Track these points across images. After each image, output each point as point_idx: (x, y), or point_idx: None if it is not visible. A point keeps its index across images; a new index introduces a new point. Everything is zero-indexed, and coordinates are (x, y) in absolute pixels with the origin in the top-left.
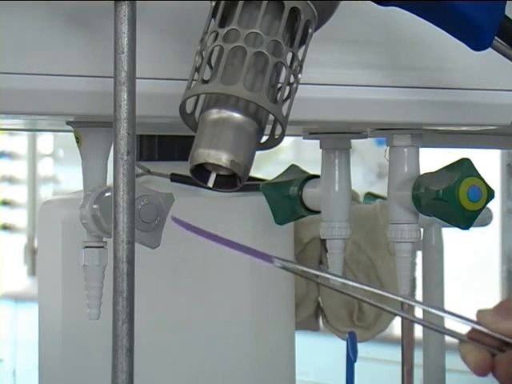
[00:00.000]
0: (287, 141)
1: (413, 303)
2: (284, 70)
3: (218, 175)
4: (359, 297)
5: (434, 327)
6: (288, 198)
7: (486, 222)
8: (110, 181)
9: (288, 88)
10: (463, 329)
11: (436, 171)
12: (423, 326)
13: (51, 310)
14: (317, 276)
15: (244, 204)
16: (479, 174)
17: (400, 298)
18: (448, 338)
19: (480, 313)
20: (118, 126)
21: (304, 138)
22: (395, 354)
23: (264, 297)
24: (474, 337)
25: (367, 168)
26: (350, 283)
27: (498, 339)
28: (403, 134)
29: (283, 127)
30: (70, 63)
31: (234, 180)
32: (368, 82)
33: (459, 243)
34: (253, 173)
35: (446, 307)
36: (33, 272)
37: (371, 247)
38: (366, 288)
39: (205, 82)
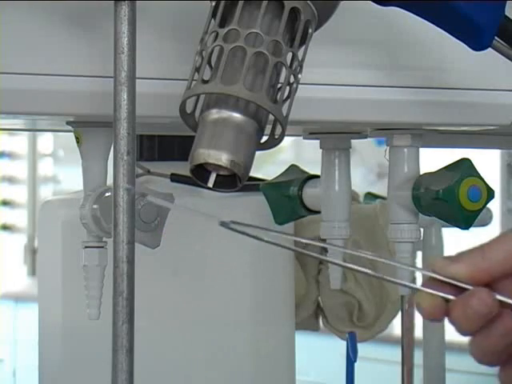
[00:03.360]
0: (287, 141)
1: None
2: (284, 70)
3: (217, 175)
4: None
5: (384, 277)
6: (288, 198)
7: (486, 222)
8: (110, 181)
9: (288, 88)
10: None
11: (436, 171)
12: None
13: (51, 310)
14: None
15: (244, 204)
16: (479, 174)
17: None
18: (448, 338)
19: (431, 259)
20: (118, 126)
21: (304, 138)
22: (395, 353)
23: (264, 297)
24: (426, 285)
25: (367, 168)
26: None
27: (452, 285)
28: (403, 133)
29: (283, 127)
30: (70, 63)
31: (234, 180)
32: (368, 82)
33: (459, 243)
34: (253, 173)
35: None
36: (33, 272)
37: (371, 247)
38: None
39: (205, 82)
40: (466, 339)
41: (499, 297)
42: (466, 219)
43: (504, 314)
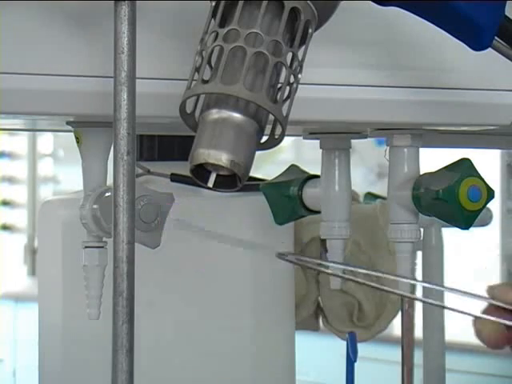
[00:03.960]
0: (287, 141)
1: (427, 285)
2: (284, 69)
3: (218, 175)
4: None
5: (443, 305)
6: (288, 198)
7: (485, 222)
8: (110, 181)
9: (288, 88)
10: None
11: (436, 171)
12: (437, 306)
13: (51, 310)
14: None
15: (244, 204)
16: (479, 174)
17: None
18: (448, 338)
19: (490, 287)
20: (118, 126)
21: (304, 138)
22: (395, 353)
23: (264, 297)
24: (487, 312)
25: (367, 168)
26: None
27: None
28: (403, 133)
29: (283, 127)
30: (70, 63)
31: (234, 180)
32: (368, 82)
33: (459, 243)
34: (253, 173)
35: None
36: (33, 272)
37: (371, 247)
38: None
39: (205, 82)
40: (466, 339)
41: None
42: (466, 219)
43: None
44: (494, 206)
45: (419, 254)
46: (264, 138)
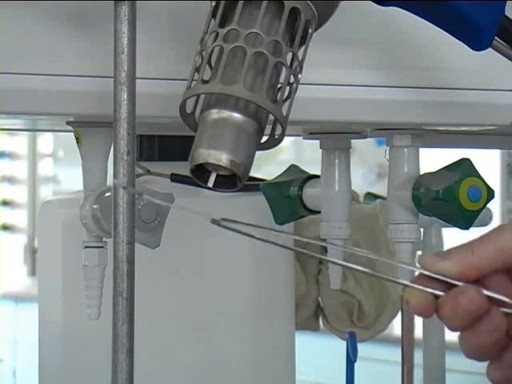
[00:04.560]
0: (287, 141)
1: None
2: (284, 69)
3: (218, 175)
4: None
5: (373, 273)
6: (288, 198)
7: (485, 222)
8: (110, 181)
9: (288, 88)
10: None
11: (436, 171)
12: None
13: (51, 310)
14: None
15: (244, 204)
16: (479, 174)
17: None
18: (448, 338)
19: (420, 256)
20: (118, 126)
21: (304, 138)
22: (395, 353)
23: (264, 297)
24: (416, 282)
25: (367, 168)
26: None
27: (441, 282)
28: (403, 134)
29: (283, 127)
30: (69, 63)
31: (234, 180)
32: (368, 82)
33: (459, 243)
34: (253, 173)
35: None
36: (33, 272)
37: (371, 247)
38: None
39: (205, 82)
40: None
41: (488, 293)
42: (466, 219)
43: (493, 311)
44: (494, 206)
45: (419, 254)
46: (264, 138)
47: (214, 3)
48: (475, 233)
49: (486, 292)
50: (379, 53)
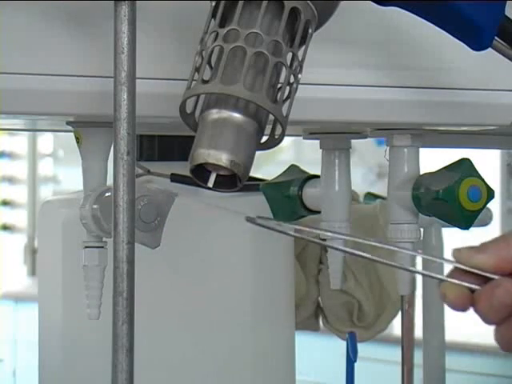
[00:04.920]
0: (287, 141)
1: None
2: (284, 69)
3: (217, 175)
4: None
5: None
6: (288, 198)
7: (485, 222)
8: (110, 181)
9: (288, 88)
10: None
11: (436, 171)
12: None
13: (51, 310)
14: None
15: (244, 204)
16: (479, 174)
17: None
18: (448, 338)
19: (455, 250)
20: (118, 126)
21: (304, 138)
22: (395, 353)
23: (264, 297)
24: (452, 276)
25: (367, 168)
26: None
27: (477, 275)
28: (403, 134)
29: (283, 127)
30: (70, 63)
31: (234, 180)
32: (368, 82)
33: (459, 243)
34: (253, 173)
35: (446, 307)
36: (33, 272)
37: (371, 247)
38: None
39: (205, 82)
40: (466, 339)
41: None
42: (466, 219)
43: None
44: (494, 206)
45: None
46: (264, 138)
47: (213, 3)
48: (475, 233)
49: None
50: (379, 53)
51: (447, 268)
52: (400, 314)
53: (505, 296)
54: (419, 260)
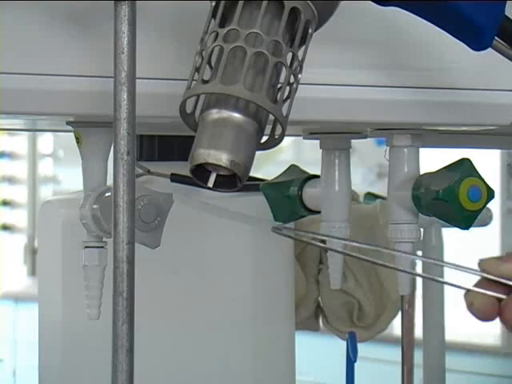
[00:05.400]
0: (287, 141)
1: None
2: (284, 69)
3: (218, 175)
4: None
5: (438, 279)
6: (288, 198)
7: (486, 222)
8: (110, 181)
9: (288, 88)
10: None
11: (436, 171)
12: (428, 279)
13: (51, 310)
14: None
15: (244, 204)
16: (479, 174)
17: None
18: (448, 338)
19: (482, 261)
20: (118, 126)
21: (304, 138)
22: (395, 353)
23: (264, 297)
24: (478, 286)
25: (367, 168)
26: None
27: (503, 285)
28: (403, 134)
29: (283, 127)
30: (69, 63)
31: (234, 180)
32: (368, 82)
33: (459, 243)
34: (253, 173)
35: (446, 307)
36: (33, 272)
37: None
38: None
39: (205, 82)
40: (466, 339)
41: None
42: (466, 219)
43: None
44: (494, 206)
45: (419, 254)
46: (264, 138)
47: (213, 3)
48: (475, 233)
49: None
50: (379, 53)
51: (446, 270)
52: (400, 313)
53: None
54: (419, 261)
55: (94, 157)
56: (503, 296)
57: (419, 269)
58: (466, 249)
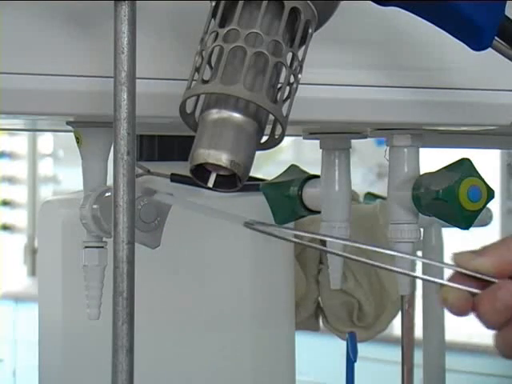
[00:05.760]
0: (287, 141)
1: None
2: (284, 69)
3: (218, 175)
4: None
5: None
6: (288, 198)
7: (485, 222)
8: (110, 181)
9: (288, 88)
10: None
11: (436, 171)
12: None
13: (51, 310)
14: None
15: (244, 204)
16: (479, 174)
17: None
18: (448, 338)
19: (455, 254)
20: (118, 126)
21: (304, 138)
22: (395, 353)
23: (264, 297)
24: (452, 280)
25: (367, 168)
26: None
27: (477, 279)
28: (403, 134)
29: (283, 127)
30: (70, 63)
31: (234, 180)
32: (368, 82)
33: (459, 243)
34: (253, 173)
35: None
36: (33, 272)
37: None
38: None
39: (205, 82)
40: (466, 339)
41: None
42: (466, 219)
43: None
44: (494, 206)
45: (419, 254)
46: (264, 138)
47: (213, 3)
48: (475, 233)
49: None
50: (379, 53)
51: (447, 271)
52: (400, 313)
53: (508, 297)
54: (419, 261)
55: (94, 157)
56: (477, 291)
57: (419, 269)
58: (466, 249)
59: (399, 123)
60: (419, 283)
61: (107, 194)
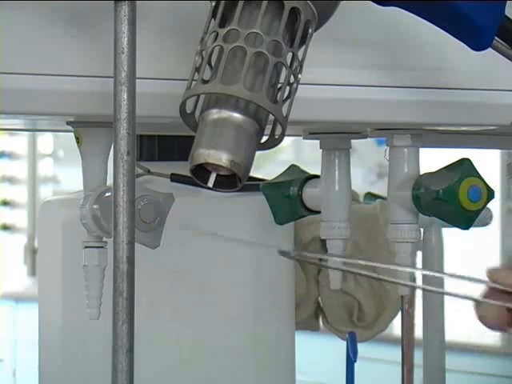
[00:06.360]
0: (287, 141)
1: (422, 271)
2: (284, 69)
3: (218, 175)
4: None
5: (447, 292)
6: (288, 198)
7: (486, 222)
8: (110, 181)
9: (288, 88)
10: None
11: (436, 171)
12: (437, 293)
13: (51, 310)
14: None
15: (244, 204)
16: (479, 174)
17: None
18: (448, 338)
19: (490, 271)
20: (118, 126)
21: (304, 138)
22: (395, 354)
23: (264, 297)
24: (488, 296)
25: (367, 168)
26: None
27: (509, 294)
28: (403, 134)
29: (283, 127)
30: (70, 63)
31: (234, 180)
32: (368, 82)
33: (459, 243)
34: (253, 173)
35: (446, 307)
36: (33, 272)
37: (371, 247)
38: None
39: (205, 82)
40: (466, 339)
41: None
42: (466, 219)
43: None
44: (494, 206)
45: (419, 254)
46: (264, 138)
47: (213, 3)
48: (475, 233)
49: None
50: (379, 53)
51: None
52: (400, 314)
53: None
54: (419, 260)
55: (94, 157)
56: None
57: (419, 267)
58: (466, 249)
59: (399, 123)
60: (419, 283)
61: (107, 194)
